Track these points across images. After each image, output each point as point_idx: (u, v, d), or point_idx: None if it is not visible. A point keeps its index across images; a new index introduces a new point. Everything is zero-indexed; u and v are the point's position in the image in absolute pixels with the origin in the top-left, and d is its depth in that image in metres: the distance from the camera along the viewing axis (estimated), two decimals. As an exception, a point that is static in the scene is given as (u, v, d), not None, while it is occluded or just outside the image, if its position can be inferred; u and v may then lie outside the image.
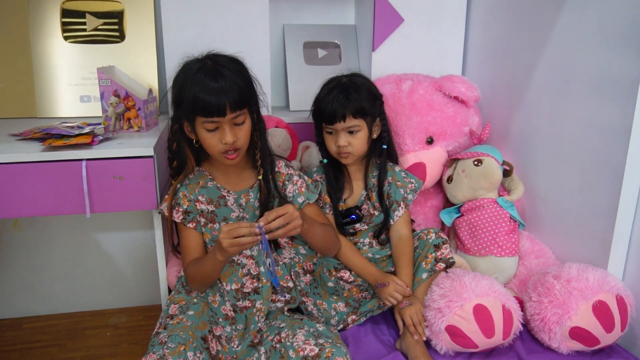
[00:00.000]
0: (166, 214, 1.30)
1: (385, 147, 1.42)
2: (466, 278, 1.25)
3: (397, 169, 1.45)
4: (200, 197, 1.29)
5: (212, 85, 1.14)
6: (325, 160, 1.42)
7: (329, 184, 1.41)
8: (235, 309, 1.29)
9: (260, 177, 1.28)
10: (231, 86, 1.15)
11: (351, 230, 1.42)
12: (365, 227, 1.42)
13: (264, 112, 1.30)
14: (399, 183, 1.42)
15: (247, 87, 1.20)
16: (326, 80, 1.39)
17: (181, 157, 1.29)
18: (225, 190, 1.30)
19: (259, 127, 1.27)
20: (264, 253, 1.14)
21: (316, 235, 1.27)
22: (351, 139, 1.34)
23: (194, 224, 1.29)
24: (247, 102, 1.20)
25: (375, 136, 1.40)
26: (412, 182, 1.43)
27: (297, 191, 1.32)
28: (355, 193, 1.42)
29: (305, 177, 1.37)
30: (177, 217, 1.28)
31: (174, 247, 1.39)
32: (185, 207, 1.28)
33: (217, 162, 1.29)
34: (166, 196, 1.31)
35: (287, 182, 1.33)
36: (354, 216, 1.40)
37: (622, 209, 1.23)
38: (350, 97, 1.31)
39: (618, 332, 1.19)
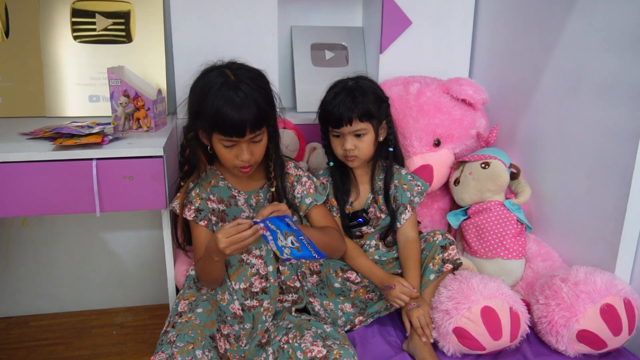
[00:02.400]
0: (177, 211, 1.31)
1: (391, 149, 1.42)
2: (474, 280, 1.25)
3: (403, 171, 1.45)
4: (211, 196, 1.31)
5: (234, 104, 1.13)
6: (331, 163, 1.42)
7: (335, 187, 1.41)
8: (244, 308, 1.30)
9: (273, 189, 1.30)
10: (252, 107, 1.15)
11: (358, 233, 1.43)
12: (372, 229, 1.43)
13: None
14: (405, 186, 1.42)
15: (267, 105, 1.20)
16: (332, 83, 1.39)
17: (193, 161, 1.30)
18: (236, 191, 1.31)
19: (274, 140, 1.28)
20: (277, 239, 1.11)
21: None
22: (358, 142, 1.35)
23: (206, 222, 1.30)
24: (266, 121, 1.20)
25: (381, 139, 1.40)
26: (419, 185, 1.44)
27: (305, 192, 1.33)
28: (362, 196, 1.43)
29: (314, 179, 1.37)
30: (189, 214, 1.30)
31: (179, 244, 1.40)
32: (197, 205, 1.30)
33: None
34: (178, 194, 1.32)
35: (295, 183, 1.34)
36: (360, 219, 1.41)
37: (630, 212, 1.23)
38: (357, 100, 1.32)
39: (625, 336, 1.19)
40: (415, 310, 1.26)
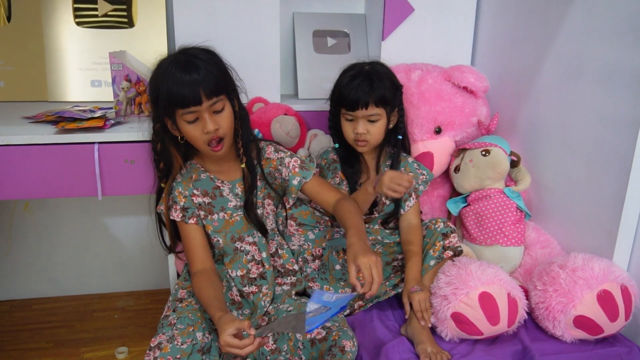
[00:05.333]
0: (164, 213, 1.28)
1: (400, 137, 1.42)
2: (472, 266, 1.25)
3: (409, 159, 1.45)
4: (195, 191, 1.28)
5: (184, 77, 1.13)
6: (336, 145, 1.42)
7: (343, 164, 1.41)
8: (242, 294, 1.30)
9: (243, 166, 1.28)
10: (204, 74, 1.14)
11: (367, 212, 1.43)
12: (376, 214, 1.43)
13: (244, 99, 1.29)
14: (411, 174, 1.42)
15: (221, 74, 1.19)
16: (346, 66, 1.39)
17: (167, 157, 1.26)
18: (220, 181, 1.29)
19: (240, 114, 1.26)
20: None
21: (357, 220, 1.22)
22: (370, 127, 1.34)
23: (195, 219, 1.27)
24: (223, 89, 1.19)
25: (391, 126, 1.40)
26: (424, 174, 1.44)
27: (290, 173, 1.32)
28: (370, 180, 1.43)
29: (298, 155, 1.36)
30: (177, 215, 1.26)
31: (168, 248, 1.36)
32: (182, 204, 1.26)
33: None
34: (163, 196, 1.29)
35: (280, 167, 1.33)
36: None
37: (629, 200, 1.24)
38: (374, 85, 1.32)
39: (622, 322, 1.20)
40: (417, 294, 1.27)
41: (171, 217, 1.27)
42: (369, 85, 1.31)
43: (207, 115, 1.17)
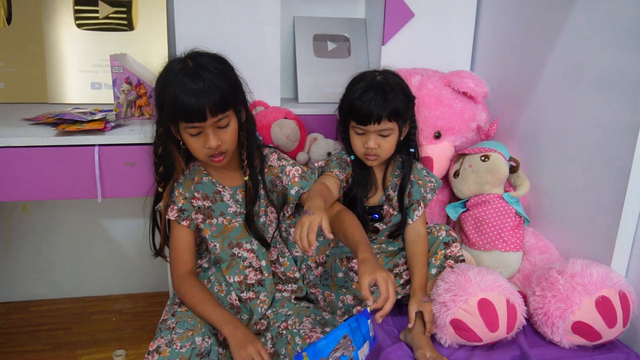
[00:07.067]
0: (162, 212, 1.27)
1: (412, 150, 1.40)
2: (471, 272, 1.25)
3: (419, 166, 1.44)
4: (196, 194, 1.27)
5: (191, 89, 1.09)
6: (352, 157, 1.37)
7: (355, 178, 1.38)
8: (240, 299, 1.30)
9: (246, 178, 1.26)
10: (211, 89, 1.10)
11: (371, 228, 1.42)
12: (384, 226, 1.43)
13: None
14: (420, 182, 1.41)
15: (229, 88, 1.15)
16: (356, 75, 1.34)
17: (168, 161, 1.23)
18: (221, 186, 1.28)
19: (246, 126, 1.23)
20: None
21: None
22: (381, 142, 1.30)
23: (188, 222, 1.26)
24: (230, 104, 1.15)
25: (402, 138, 1.37)
26: (432, 181, 1.43)
27: (290, 182, 1.30)
28: (378, 192, 1.42)
29: (301, 166, 1.33)
30: (172, 214, 1.25)
31: (156, 250, 1.32)
32: (180, 205, 1.25)
33: None
34: (163, 195, 1.27)
35: (280, 175, 1.31)
36: (376, 215, 1.40)
37: (628, 206, 1.24)
38: (388, 98, 1.26)
39: (620, 328, 1.21)
40: (428, 304, 1.26)
41: (167, 216, 1.26)
42: (382, 99, 1.25)
43: (211, 131, 1.14)
